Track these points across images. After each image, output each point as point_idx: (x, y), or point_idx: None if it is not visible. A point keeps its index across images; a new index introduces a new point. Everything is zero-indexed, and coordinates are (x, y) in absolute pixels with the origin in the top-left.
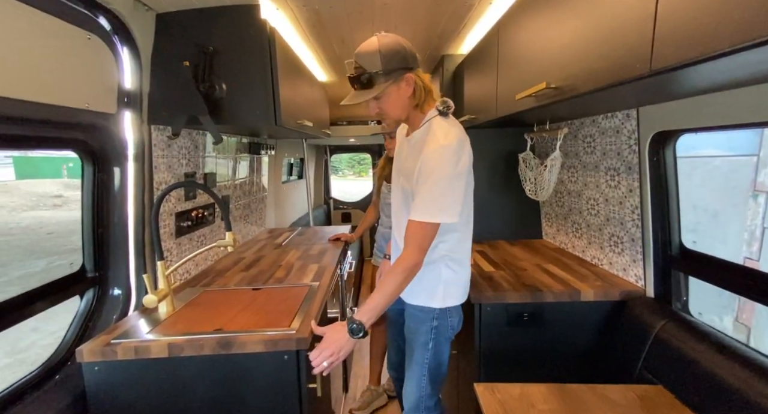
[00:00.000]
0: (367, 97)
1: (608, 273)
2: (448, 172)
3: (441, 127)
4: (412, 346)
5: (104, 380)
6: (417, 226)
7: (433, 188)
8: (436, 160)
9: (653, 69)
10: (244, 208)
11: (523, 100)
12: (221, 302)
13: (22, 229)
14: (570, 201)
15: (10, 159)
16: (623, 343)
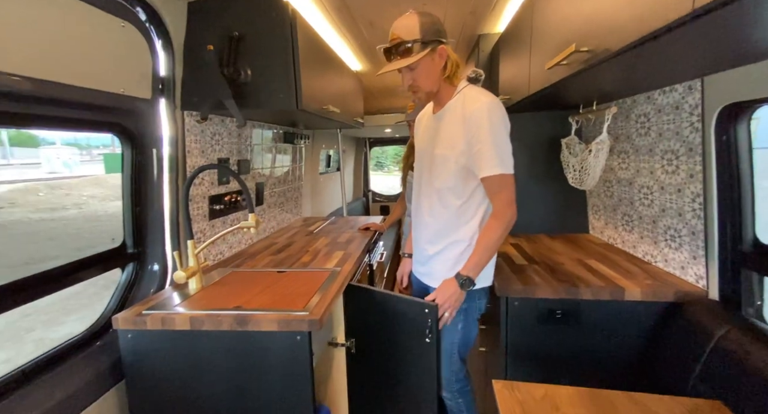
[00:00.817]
0: (403, 65)
1: (662, 271)
2: (505, 125)
3: (477, 91)
4: (441, 328)
5: (136, 347)
6: (501, 179)
7: (496, 140)
8: (487, 115)
9: (696, 7)
10: (279, 195)
11: (555, 70)
12: (246, 282)
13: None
14: (620, 190)
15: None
16: (675, 350)
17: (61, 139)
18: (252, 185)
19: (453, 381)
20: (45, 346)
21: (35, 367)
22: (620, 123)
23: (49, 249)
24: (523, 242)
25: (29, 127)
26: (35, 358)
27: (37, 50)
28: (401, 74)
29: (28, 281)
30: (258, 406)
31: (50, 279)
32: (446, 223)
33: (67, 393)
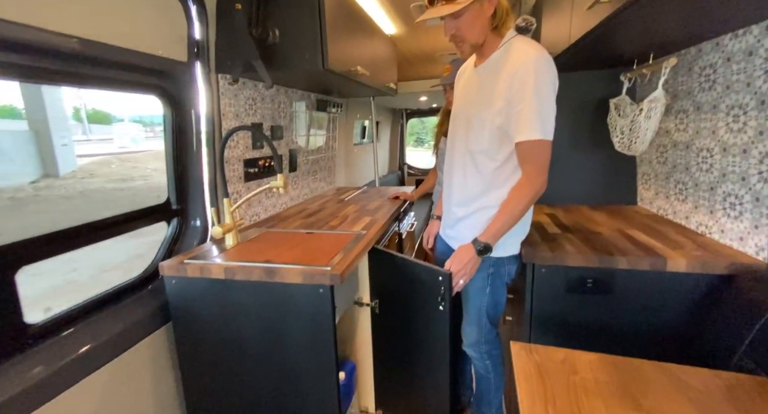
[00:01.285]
0: (447, 12)
1: (715, 243)
2: (548, 84)
3: (526, 43)
4: (468, 291)
5: (179, 292)
6: (535, 145)
7: (540, 101)
8: (535, 71)
9: None
10: (312, 164)
11: (595, 11)
12: (277, 241)
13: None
14: (675, 155)
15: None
16: (720, 323)
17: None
18: (285, 152)
19: (482, 342)
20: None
21: (99, 302)
22: (681, 78)
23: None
24: (560, 212)
25: (74, 85)
26: (98, 294)
27: (82, 10)
28: (444, 22)
29: (91, 226)
30: (286, 351)
31: (109, 225)
32: (478, 186)
33: (126, 325)
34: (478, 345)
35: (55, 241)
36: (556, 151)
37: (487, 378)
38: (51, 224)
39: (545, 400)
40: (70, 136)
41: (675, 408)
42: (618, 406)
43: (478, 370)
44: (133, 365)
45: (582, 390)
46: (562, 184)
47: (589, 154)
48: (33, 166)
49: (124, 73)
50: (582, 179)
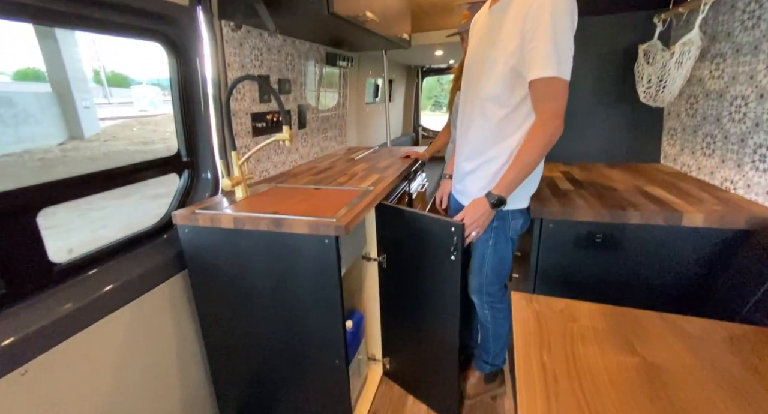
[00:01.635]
0: None
1: (739, 198)
2: (567, 20)
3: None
4: (473, 241)
5: (192, 241)
6: (549, 83)
7: (557, 37)
8: (550, 4)
9: None
10: (322, 121)
11: None
12: (286, 195)
13: None
14: (706, 105)
15: None
16: (732, 277)
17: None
18: (294, 107)
19: (483, 292)
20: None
21: (118, 247)
22: (722, 17)
23: None
24: (575, 170)
25: (80, 28)
26: (117, 240)
27: None
28: None
29: (104, 173)
30: (295, 298)
31: (124, 173)
32: (486, 137)
33: (145, 269)
34: (480, 294)
35: (72, 185)
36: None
37: (486, 327)
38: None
39: (540, 345)
40: (91, 98)
41: (670, 354)
42: (612, 351)
43: (479, 318)
44: (155, 305)
45: (579, 336)
46: (580, 141)
47: (612, 109)
48: (58, 129)
49: (127, 17)
50: (602, 136)
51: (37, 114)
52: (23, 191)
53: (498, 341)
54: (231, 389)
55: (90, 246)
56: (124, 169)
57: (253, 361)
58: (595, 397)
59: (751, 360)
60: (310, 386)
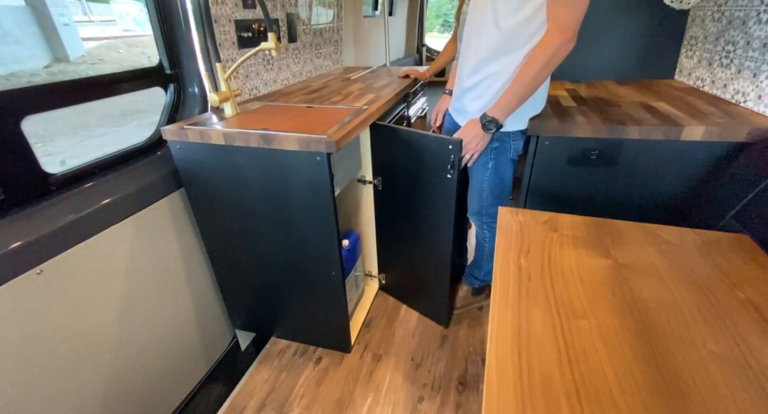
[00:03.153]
0: None
1: (747, 111)
2: None
3: None
4: (472, 165)
5: (184, 156)
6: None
7: None
8: None
9: None
10: (315, 35)
11: None
12: (276, 113)
13: None
14: (734, 6)
15: None
16: (721, 190)
17: None
18: (282, 15)
19: (483, 214)
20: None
21: (112, 161)
22: None
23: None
24: (582, 88)
25: None
26: (110, 154)
27: None
28: None
29: (86, 81)
30: (290, 215)
31: (101, 84)
32: (491, 48)
33: (142, 184)
34: (479, 215)
35: (54, 91)
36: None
37: (483, 246)
38: (73, 110)
39: (519, 250)
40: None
41: (642, 257)
42: (587, 254)
43: (477, 238)
44: (157, 219)
45: (557, 243)
46: (591, 57)
47: (629, 18)
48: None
49: None
50: (615, 50)
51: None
52: (3, 94)
53: (491, 260)
54: (238, 300)
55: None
56: (105, 78)
57: (254, 272)
58: (563, 292)
59: (718, 261)
60: (311, 295)
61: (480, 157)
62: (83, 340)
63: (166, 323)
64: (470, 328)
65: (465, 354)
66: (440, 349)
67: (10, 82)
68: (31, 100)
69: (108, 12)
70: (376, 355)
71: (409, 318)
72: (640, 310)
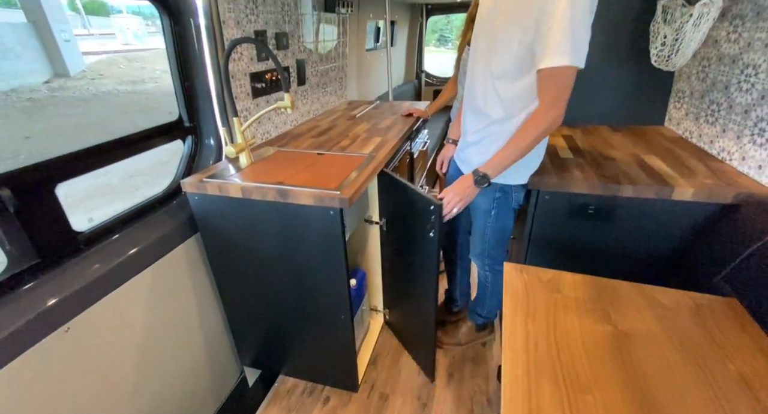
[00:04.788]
0: None
1: (732, 170)
2: (587, 4)
3: None
4: (475, 211)
5: (202, 207)
6: (554, 73)
7: (573, 20)
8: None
9: None
10: (322, 75)
11: None
12: (289, 161)
13: None
14: (717, 71)
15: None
16: (710, 251)
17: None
18: (293, 62)
19: (485, 256)
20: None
21: (133, 213)
22: None
23: (138, 120)
24: (578, 134)
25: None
26: (130, 208)
27: None
28: None
29: (113, 144)
30: (303, 264)
31: (133, 142)
32: (493, 112)
33: (161, 233)
34: (482, 258)
35: (86, 158)
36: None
37: (485, 286)
38: (75, 128)
39: (526, 314)
40: (71, 29)
41: (640, 322)
42: (589, 320)
43: (479, 278)
44: (173, 266)
45: (561, 306)
46: (586, 103)
47: (622, 69)
48: (41, 64)
49: None
50: (610, 96)
51: (17, 47)
52: (41, 165)
53: (494, 298)
54: (247, 338)
55: (95, 191)
56: (133, 137)
57: (265, 313)
58: (569, 363)
59: (711, 329)
60: (319, 336)
61: (483, 206)
62: (103, 390)
63: (179, 364)
64: (475, 365)
65: (470, 393)
66: (446, 388)
67: (10, 98)
68: (65, 167)
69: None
70: (383, 394)
71: (410, 360)
72: (641, 383)
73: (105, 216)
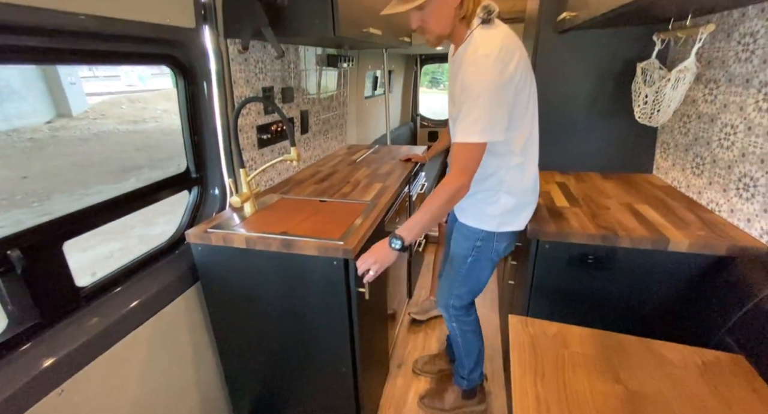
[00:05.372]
0: (410, 6)
1: (723, 222)
2: (490, 85)
3: (482, 37)
4: (453, 255)
5: (205, 258)
6: (460, 148)
7: (474, 105)
8: (475, 73)
9: None
10: (324, 123)
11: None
12: (292, 209)
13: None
14: (698, 127)
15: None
16: (710, 304)
17: None
18: (297, 113)
19: (449, 305)
20: (146, 240)
21: (136, 266)
22: (717, 44)
23: (137, 159)
24: (571, 181)
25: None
26: (134, 259)
27: None
28: (410, 13)
29: (120, 199)
30: (305, 314)
31: (136, 197)
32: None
33: (161, 285)
34: (446, 308)
35: (94, 215)
36: (573, 114)
37: (457, 342)
38: (73, 167)
39: (534, 373)
40: (77, 74)
41: (650, 381)
42: (599, 378)
43: (450, 333)
44: (172, 318)
45: (570, 364)
46: (577, 150)
47: (609, 120)
48: (45, 105)
49: (134, 46)
50: (599, 145)
51: (22, 90)
52: (50, 224)
53: (470, 357)
54: (244, 392)
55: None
56: (138, 192)
57: (264, 368)
58: None
59: (720, 388)
60: (318, 389)
61: (462, 251)
62: None
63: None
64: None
65: None
66: None
67: (11, 138)
68: (72, 225)
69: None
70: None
71: (417, 409)
72: None
73: (100, 255)
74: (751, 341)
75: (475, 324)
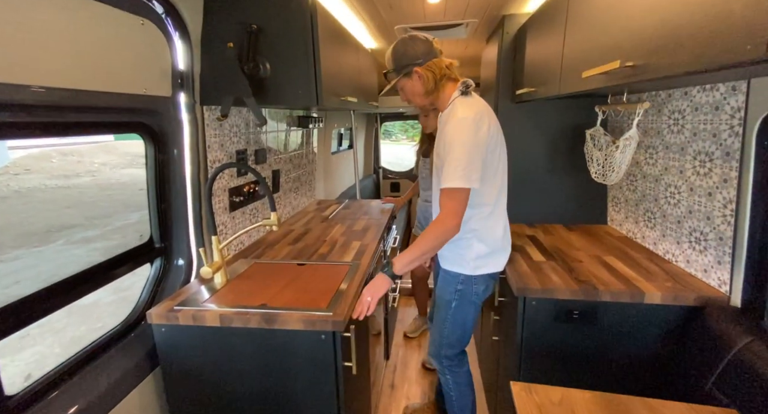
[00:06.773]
0: (389, 87)
1: (683, 272)
2: (468, 141)
3: (461, 104)
4: (439, 301)
5: (169, 340)
6: (448, 193)
7: (456, 156)
8: (455, 132)
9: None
10: (294, 180)
11: (592, 79)
12: (269, 275)
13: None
14: (645, 186)
15: None
16: (692, 355)
17: None
18: (269, 173)
19: (441, 356)
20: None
21: (81, 359)
22: (651, 117)
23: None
24: (540, 233)
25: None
26: (78, 352)
27: (62, 59)
28: (401, 92)
29: (69, 282)
30: (288, 397)
31: (88, 278)
32: None
33: (111, 381)
34: (438, 357)
35: (38, 303)
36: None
37: (450, 395)
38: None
39: None
40: None
41: None
42: None
43: (443, 386)
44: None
45: None
46: (540, 204)
47: (565, 177)
48: None
49: (107, 116)
50: (559, 200)
51: None
52: None
53: (465, 412)
54: None
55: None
56: (91, 271)
57: None
58: None
59: None
60: None
61: (446, 296)
62: None
63: None
64: None
65: None
66: None
67: None
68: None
69: None
70: None
71: None
72: None
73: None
74: (739, 393)
75: (468, 376)
